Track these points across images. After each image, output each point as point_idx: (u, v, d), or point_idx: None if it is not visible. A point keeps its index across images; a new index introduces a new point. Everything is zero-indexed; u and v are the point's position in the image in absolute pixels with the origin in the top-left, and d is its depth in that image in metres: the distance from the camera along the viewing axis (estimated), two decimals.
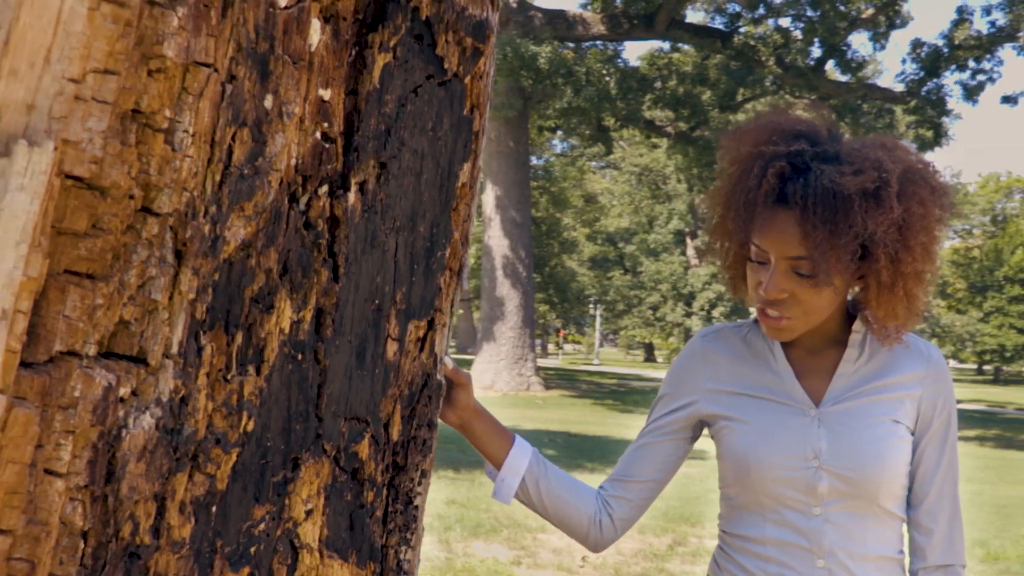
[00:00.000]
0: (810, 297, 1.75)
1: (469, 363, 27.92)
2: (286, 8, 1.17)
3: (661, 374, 47.92)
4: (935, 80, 24.08)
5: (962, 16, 23.64)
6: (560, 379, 33.75)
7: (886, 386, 1.84)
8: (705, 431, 2.01)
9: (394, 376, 1.39)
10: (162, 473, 1.19)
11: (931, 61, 23.89)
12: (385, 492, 1.44)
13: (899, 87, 25.53)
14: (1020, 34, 23.16)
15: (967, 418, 27.16)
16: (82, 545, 1.14)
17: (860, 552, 1.80)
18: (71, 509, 1.12)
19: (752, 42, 23.83)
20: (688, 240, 58.40)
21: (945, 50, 23.59)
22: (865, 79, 26.82)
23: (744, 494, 1.87)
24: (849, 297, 1.89)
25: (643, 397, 28.83)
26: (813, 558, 1.80)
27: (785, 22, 24.95)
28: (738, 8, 24.76)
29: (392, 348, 1.37)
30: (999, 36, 23.29)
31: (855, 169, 1.70)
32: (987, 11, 23.65)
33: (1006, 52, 38.75)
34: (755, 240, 1.77)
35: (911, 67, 24.49)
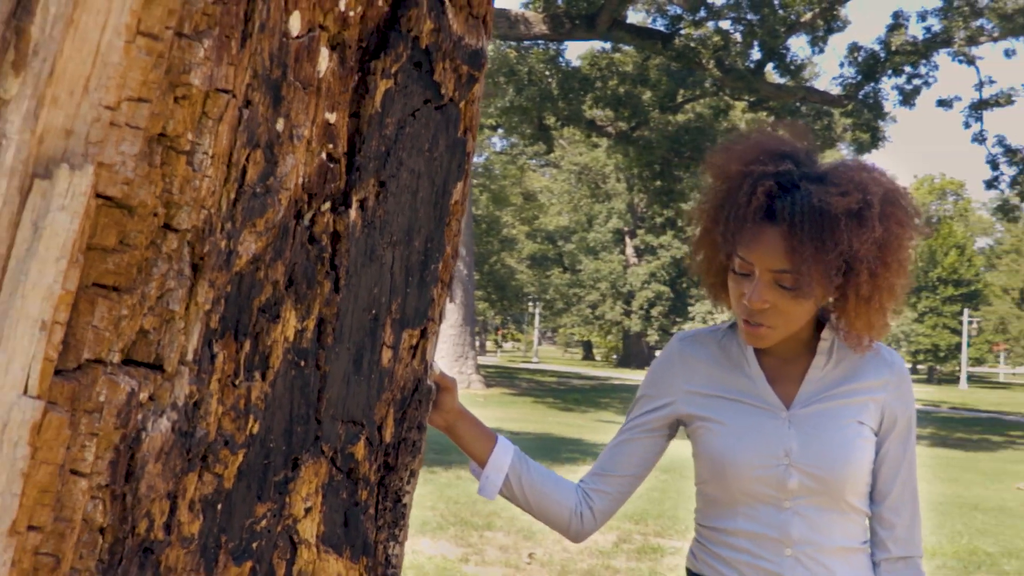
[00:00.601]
0: (790, 308, 1.87)
1: None
2: (298, 37, 1.24)
3: (600, 372, 48.21)
4: (872, 84, 24.46)
5: (898, 22, 24.06)
6: (500, 377, 33.88)
7: (852, 390, 1.98)
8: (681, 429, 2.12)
9: (388, 381, 1.47)
10: (176, 473, 1.27)
11: (868, 65, 24.27)
12: (376, 491, 1.52)
13: (837, 90, 25.91)
14: (955, 40, 23.58)
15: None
16: (101, 541, 1.21)
17: (826, 543, 1.93)
18: (92, 507, 1.19)
19: (692, 44, 24.06)
20: (627, 239, 58.78)
21: (882, 55, 23.97)
22: (804, 82, 27.18)
23: (720, 490, 1.98)
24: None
25: (583, 395, 29.03)
26: (782, 548, 1.92)
27: (725, 25, 25.23)
28: (679, 10, 24.99)
29: (387, 355, 1.45)
30: (934, 42, 23.71)
31: (841, 190, 1.82)
32: (923, 17, 24.10)
33: (941, 57, 39.41)
34: (740, 253, 1.88)
35: (849, 71, 24.88)
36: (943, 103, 25.33)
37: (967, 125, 25.21)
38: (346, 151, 1.34)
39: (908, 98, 24.50)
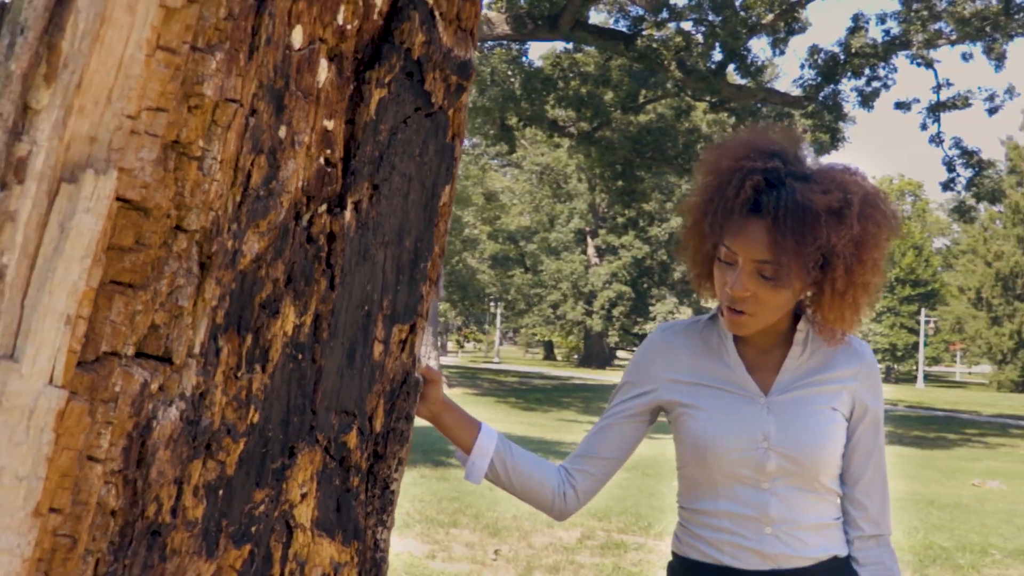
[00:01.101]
0: (770, 297, 1.97)
1: None
2: (299, 50, 1.32)
3: (561, 372, 48.36)
4: (832, 86, 24.69)
5: (858, 24, 24.30)
6: (462, 377, 33.94)
7: (826, 379, 2.09)
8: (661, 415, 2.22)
9: (379, 374, 1.55)
10: (182, 460, 1.34)
11: (828, 67, 24.51)
12: (367, 478, 1.60)
13: (797, 92, 26.12)
14: (913, 43, 23.85)
15: None
16: (112, 524, 1.29)
17: (802, 520, 2.04)
18: (105, 491, 1.26)
19: (655, 45, 24.20)
20: (589, 239, 58.96)
21: (842, 57, 24.21)
22: (764, 83, 27.41)
23: (701, 473, 2.09)
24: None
25: (544, 395, 29.15)
26: (762, 526, 2.03)
27: (687, 26, 25.39)
28: (641, 11, 25.13)
29: (378, 349, 1.54)
30: (893, 45, 23.97)
31: (824, 189, 1.93)
32: (882, 20, 24.37)
33: (900, 60, 39.84)
34: (726, 243, 1.99)
35: (809, 73, 25.10)
36: (901, 105, 25.58)
37: (924, 127, 25.50)
38: (342, 156, 1.42)
39: (867, 100, 24.75)
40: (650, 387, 2.18)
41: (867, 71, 24.45)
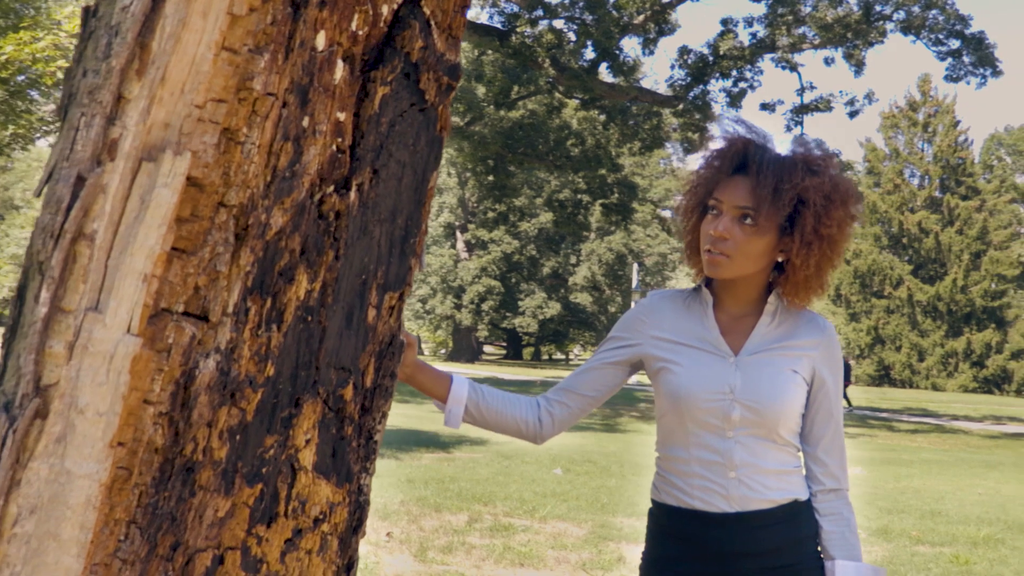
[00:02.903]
0: (747, 243, 2.29)
1: None
2: (322, 52, 1.54)
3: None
4: (701, 86, 25.35)
5: (726, 27, 25.00)
6: None
7: (790, 346, 2.39)
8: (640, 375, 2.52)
9: (371, 336, 1.77)
10: (214, 406, 1.54)
11: (697, 68, 25.16)
12: (357, 428, 1.81)
13: (665, 90, 26.76)
14: (778, 46, 24.63)
15: None
16: (155, 460, 1.49)
17: (762, 466, 2.33)
18: (153, 430, 1.46)
19: (528, 42, 24.54)
20: (458, 233, 59.22)
21: (711, 58, 24.88)
22: (636, 82, 27.99)
23: (676, 421, 2.38)
24: (770, 279, 2.44)
25: (412, 390, 29.25)
26: (727, 471, 2.32)
27: (560, 24, 25.80)
28: (516, 8, 25.47)
29: (372, 314, 1.75)
30: (760, 47, 24.72)
31: (805, 151, 2.31)
32: (749, 23, 25.12)
33: (765, 63, 40.93)
34: (715, 195, 2.32)
35: (679, 73, 25.73)
36: (766, 106, 26.43)
37: (788, 128, 26.38)
38: (350, 144, 1.64)
39: (735, 100, 25.52)
40: (635, 341, 2.48)
41: (734, 72, 25.18)
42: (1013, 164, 66.45)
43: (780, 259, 2.36)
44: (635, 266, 54.31)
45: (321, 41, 1.53)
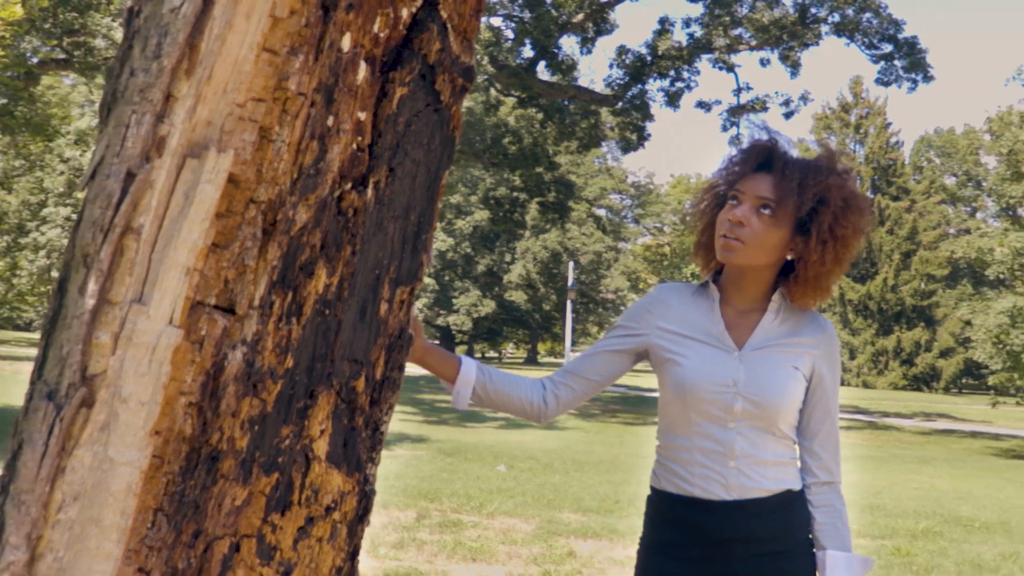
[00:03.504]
0: (762, 232, 2.38)
1: None
2: (347, 53, 1.58)
3: None
4: (639, 85, 25.53)
5: (664, 27, 25.20)
6: None
7: (792, 343, 2.49)
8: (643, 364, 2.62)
9: (383, 329, 1.82)
10: (238, 396, 1.59)
11: (635, 67, 25.34)
12: (366, 419, 1.86)
13: (603, 89, 26.90)
14: (715, 47, 24.87)
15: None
16: (183, 448, 1.53)
17: (761, 456, 2.43)
18: (184, 420, 1.51)
19: None
20: None
21: (648, 58, 25.06)
22: (574, 80, 28.10)
23: (679, 411, 2.46)
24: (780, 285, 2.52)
25: None
26: (727, 460, 2.41)
27: (498, 22, 25.86)
28: None
29: (384, 308, 1.80)
30: (697, 48, 24.94)
31: (829, 157, 2.42)
32: (687, 23, 25.32)
33: (703, 64, 41.36)
34: (736, 187, 2.41)
35: (617, 72, 25.90)
36: (702, 105, 26.69)
37: (725, 128, 26.66)
38: (368, 143, 1.69)
39: (672, 100, 25.74)
40: (642, 331, 2.55)
41: (672, 72, 25.40)
42: (942, 165, 67.64)
43: (790, 256, 2.44)
44: (570, 264, 54.45)
45: (347, 43, 1.58)
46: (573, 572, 6.79)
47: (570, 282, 51.16)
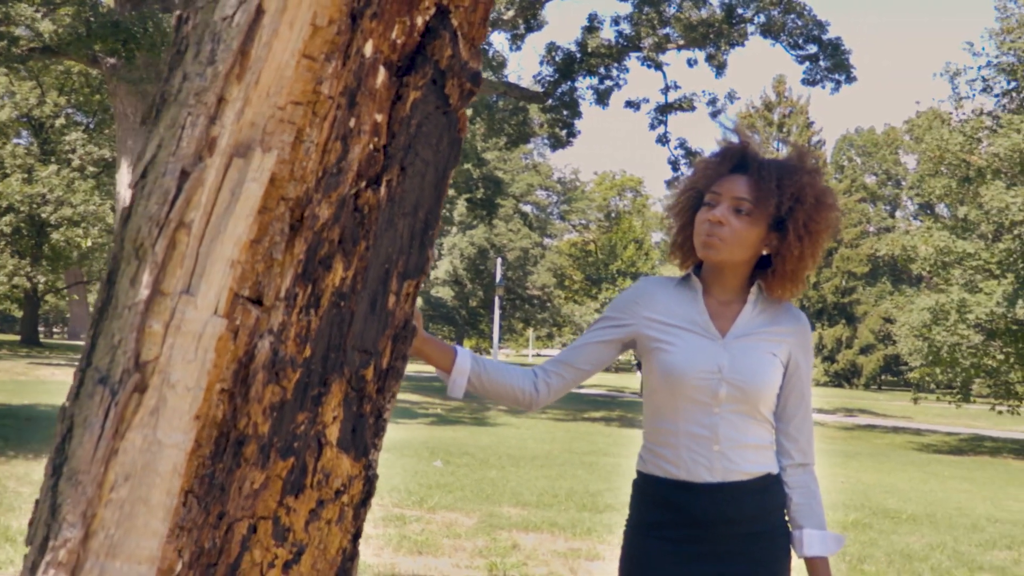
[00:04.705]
0: (740, 230, 2.52)
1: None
2: (369, 58, 1.68)
3: None
4: (569, 83, 25.70)
5: (593, 24, 25.39)
6: None
7: (771, 332, 2.63)
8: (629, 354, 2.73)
9: (390, 320, 1.91)
10: (263, 384, 1.67)
11: (565, 64, 25.51)
12: (373, 407, 1.95)
13: (533, 86, 27.05)
14: (644, 45, 25.12)
15: (591, 401, 29.21)
16: (214, 432, 1.61)
17: (743, 441, 2.56)
18: (216, 406, 1.59)
19: None
20: None
21: (578, 55, 25.24)
22: (503, 77, 28.24)
23: (666, 397, 2.58)
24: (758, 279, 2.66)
25: None
26: (711, 444, 2.54)
27: None
28: None
29: (391, 300, 1.89)
30: (626, 46, 25.16)
31: (800, 158, 2.56)
32: (616, 21, 25.53)
33: (632, 62, 41.67)
34: (713, 189, 2.54)
35: (547, 69, 26.05)
36: (631, 104, 26.95)
37: (652, 127, 26.94)
38: (383, 144, 1.78)
39: (602, 98, 25.97)
40: (629, 321, 2.67)
41: (602, 70, 25.62)
42: (863, 165, 68.91)
43: (765, 252, 2.57)
44: (498, 261, 54.65)
45: (369, 49, 1.67)
46: (518, 564, 6.90)
47: (498, 278, 51.37)
